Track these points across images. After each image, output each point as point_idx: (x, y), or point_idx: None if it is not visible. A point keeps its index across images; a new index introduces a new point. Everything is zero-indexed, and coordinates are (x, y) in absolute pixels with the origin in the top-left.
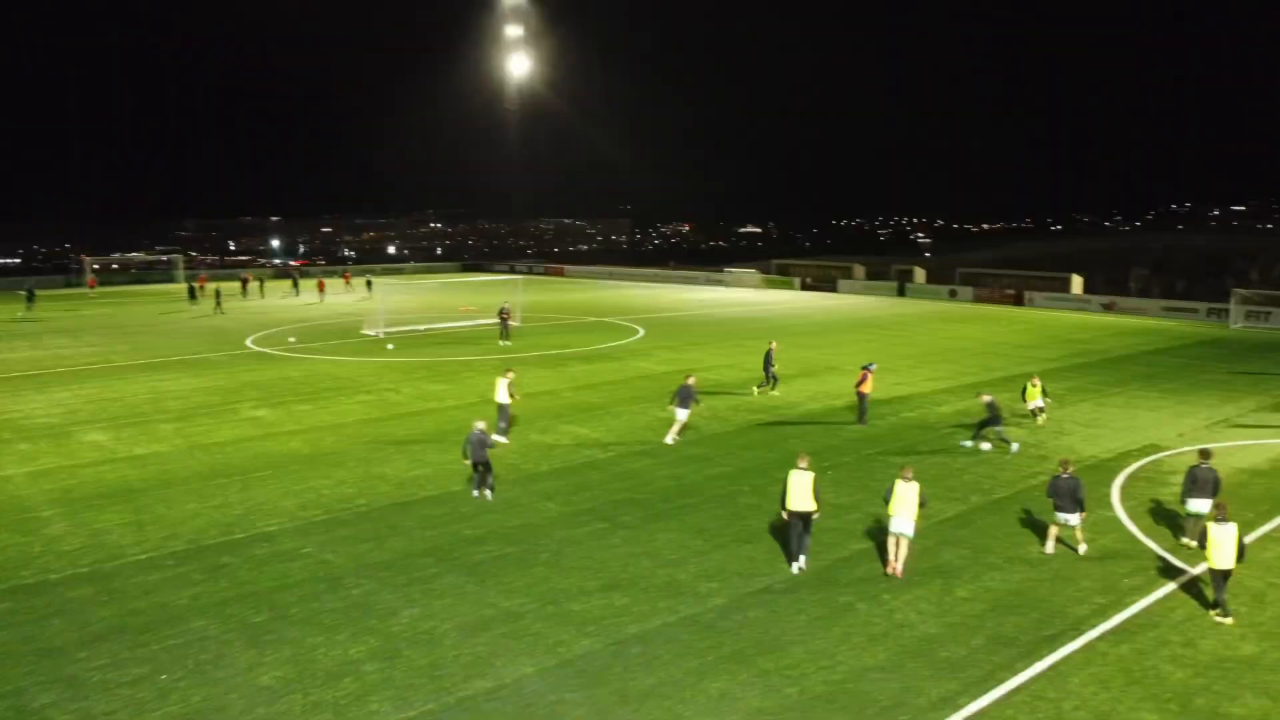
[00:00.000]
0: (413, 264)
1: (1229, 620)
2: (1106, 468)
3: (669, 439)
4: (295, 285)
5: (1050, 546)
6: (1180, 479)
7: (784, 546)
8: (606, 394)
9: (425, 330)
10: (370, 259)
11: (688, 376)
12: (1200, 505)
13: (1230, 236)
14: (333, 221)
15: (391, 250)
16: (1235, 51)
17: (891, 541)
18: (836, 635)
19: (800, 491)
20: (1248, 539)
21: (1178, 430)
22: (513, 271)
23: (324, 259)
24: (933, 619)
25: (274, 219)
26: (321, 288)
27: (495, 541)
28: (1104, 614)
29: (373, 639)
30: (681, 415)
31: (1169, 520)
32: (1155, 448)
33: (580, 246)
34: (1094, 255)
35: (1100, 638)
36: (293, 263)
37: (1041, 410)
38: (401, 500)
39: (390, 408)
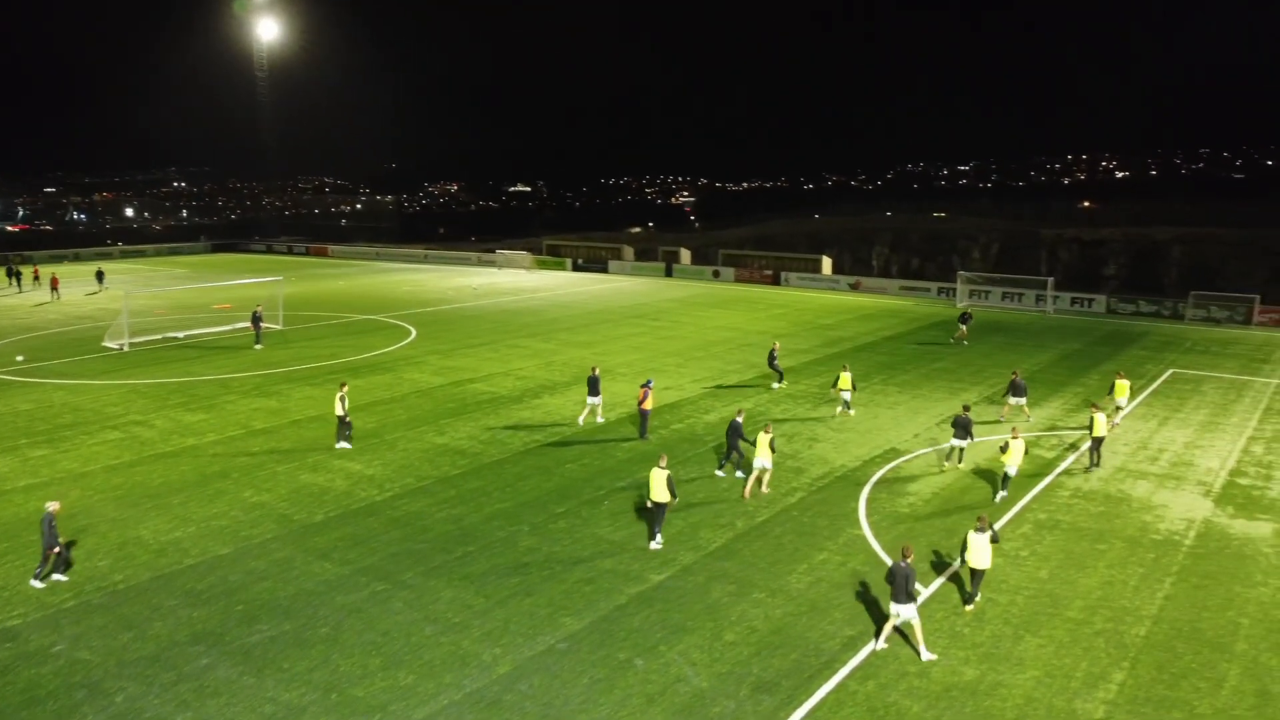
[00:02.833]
0: (155, 245)
1: (972, 606)
2: (853, 478)
3: (582, 420)
4: (16, 278)
5: (882, 641)
6: (914, 485)
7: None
8: (380, 416)
9: (184, 338)
10: (107, 228)
11: (593, 369)
12: (960, 441)
13: (956, 218)
14: (57, 180)
15: (130, 212)
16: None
17: (755, 474)
18: (616, 699)
19: (659, 486)
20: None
21: (914, 430)
22: (271, 251)
23: (50, 224)
24: (704, 669)
25: None
26: (55, 284)
27: (270, 617)
28: (854, 647)
29: None
30: (591, 401)
31: (908, 534)
32: (895, 452)
33: (343, 208)
34: (842, 233)
35: (850, 675)
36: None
37: (847, 405)
38: (163, 572)
39: (142, 447)
